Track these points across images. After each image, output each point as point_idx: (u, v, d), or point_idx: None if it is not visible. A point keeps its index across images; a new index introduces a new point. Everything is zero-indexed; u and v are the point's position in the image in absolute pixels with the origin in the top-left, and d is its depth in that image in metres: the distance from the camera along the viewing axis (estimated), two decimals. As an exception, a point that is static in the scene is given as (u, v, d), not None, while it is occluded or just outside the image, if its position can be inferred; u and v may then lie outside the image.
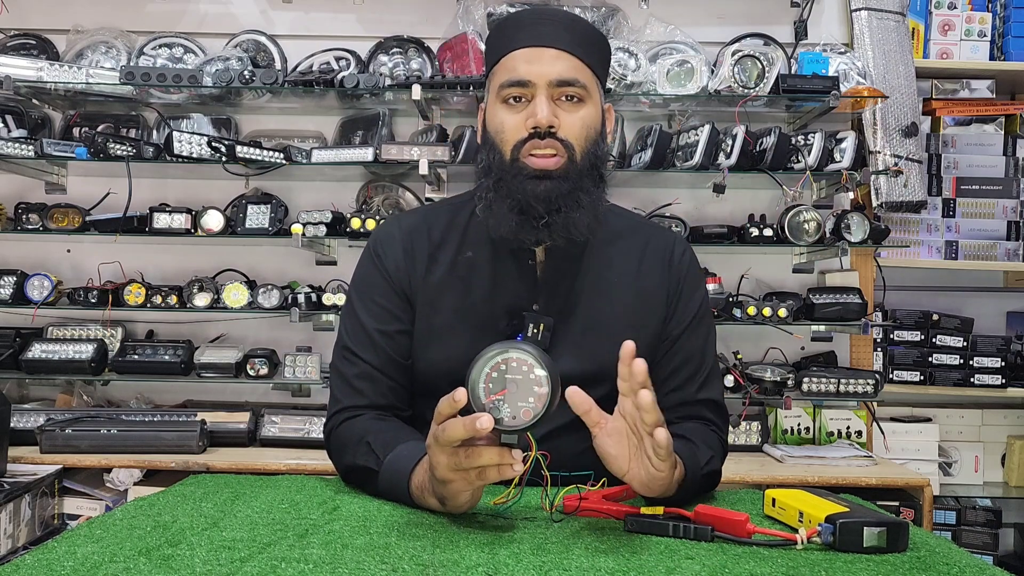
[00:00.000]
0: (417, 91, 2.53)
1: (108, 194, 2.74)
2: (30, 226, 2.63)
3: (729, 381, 2.56)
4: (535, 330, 1.37)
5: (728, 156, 2.54)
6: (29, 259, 2.80)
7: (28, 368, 2.58)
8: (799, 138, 2.62)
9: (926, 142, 2.97)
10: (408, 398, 1.45)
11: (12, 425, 2.31)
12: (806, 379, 2.58)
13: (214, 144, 2.53)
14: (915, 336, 2.95)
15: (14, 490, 2.11)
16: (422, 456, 1.20)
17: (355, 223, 2.53)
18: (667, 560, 0.98)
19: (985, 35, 2.93)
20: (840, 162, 2.57)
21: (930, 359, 2.94)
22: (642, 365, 1.06)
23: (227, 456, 2.36)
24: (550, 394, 1.02)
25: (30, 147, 2.55)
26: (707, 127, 2.56)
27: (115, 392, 2.78)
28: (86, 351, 2.57)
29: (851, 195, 2.70)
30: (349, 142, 2.74)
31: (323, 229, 2.55)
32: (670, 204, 2.75)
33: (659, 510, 1.12)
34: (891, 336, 2.95)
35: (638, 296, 1.45)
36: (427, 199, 2.74)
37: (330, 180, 2.83)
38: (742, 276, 2.82)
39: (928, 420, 2.93)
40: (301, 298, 2.55)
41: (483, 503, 1.18)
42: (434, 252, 1.45)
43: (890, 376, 2.91)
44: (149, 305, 2.58)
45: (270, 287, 2.59)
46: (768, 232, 2.60)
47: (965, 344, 2.94)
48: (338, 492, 1.30)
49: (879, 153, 2.72)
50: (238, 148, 2.52)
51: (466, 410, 1.04)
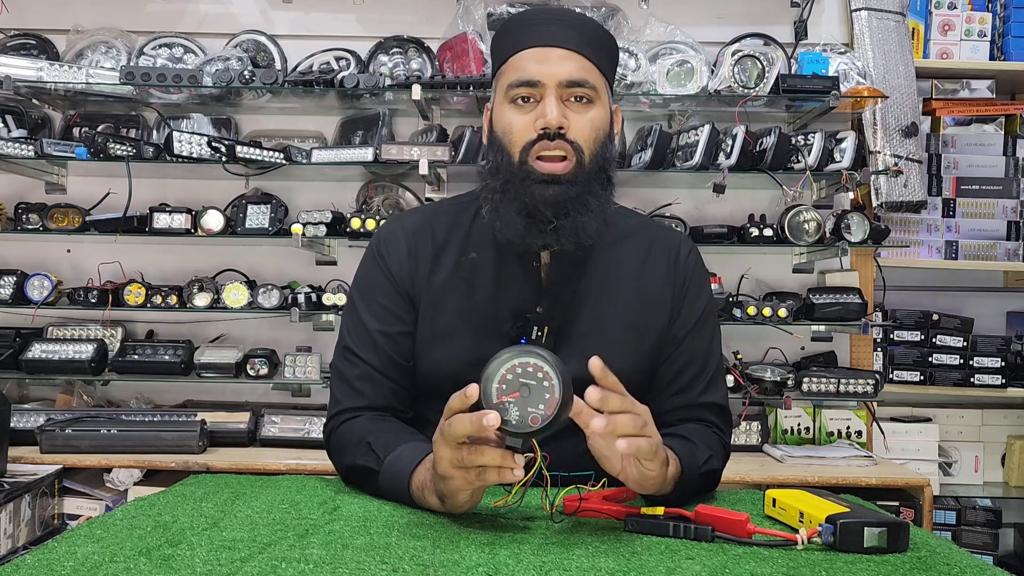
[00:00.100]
0: (417, 91, 2.53)
1: (108, 194, 2.74)
2: (30, 226, 2.63)
3: (729, 381, 2.56)
4: (539, 333, 1.36)
5: (728, 156, 2.54)
6: (29, 259, 2.80)
7: (28, 368, 2.58)
8: (799, 138, 2.62)
9: (926, 142, 2.97)
10: (409, 400, 1.45)
11: (12, 425, 2.31)
12: (806, 379, 2.58)
13: (214, 144, 2.53)
14: (915, 336, 2.95)
15: (14, 490, 2.11)
16: (424, 456, 1.20)
17: (355, 223, 2.53)
18: (667, 560, 0.98)
19: (985, 35, 2.93)
20: (840, 162, 2.57)
21: (930, 359, 2.94)
22: (597, 363, 1.06)
23: (227, 456, 2.36)
24: (559, 406, 1.01)
25: (30, 147, 2.55)
26: (707, 127, 2.56)
27: (115, 392, 2.78)
28: (86, 351, 2.57)
29: (851, 195, 2.70)
30: (349, 142, 2.74)
31: (323, 229, 2.55)
32: (670, 204, 2.75)
33: (659, 510, 1.12)
34: (891, 336, 2.95)
35: (643, 297, 1.43)
36: (427, 199, 2.74)
37: (330, 180, 2.83)
38: (742, 276, 2.82)
39: (928, 420, 2.93)
40: (301, 298, 2.55)
41: (483, 504, 1.18)
42: (438, 253, 1.44)
43: (890, 376, 2.91)
44: (149, 305, 2.58)
45: (270, 287, 2.59)
46: (768, 232, 2.60)
47: (965, 344, 2.94)
48: (338, 492, 1.30)
49: (879, 153, 2.72)
50: (238, 148, 2.52)
51: (476, 407, 1.03)
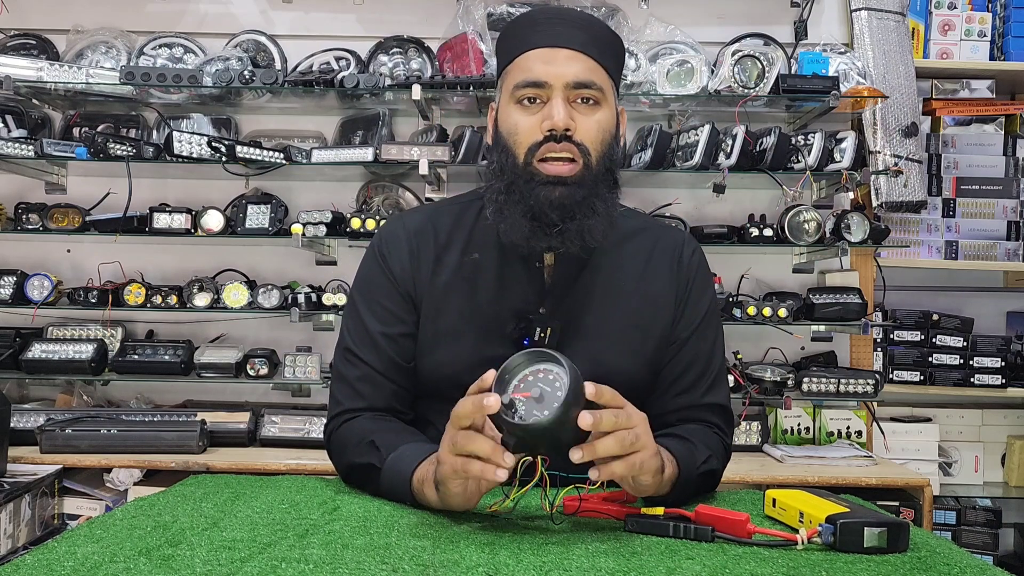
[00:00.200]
0: (417, 91, 2.53)
1: (108, 194, 2.74)
2: (30, 226, 2.63)
3: (729, 381, 2.55)
4: (542, 334, 1.35)
5: (728, 156, 2.54)
6: (29, 259, 2.80)
7: (28, 368, 2.58)
8: (799, 138, 2.62)
9: (926, 142, 2.97)
10: (410, 401, 1.44)
11: (12, 425, 2.31)
12: (806, 379, 2.58)
13: (214, 144, 2.53)
14: (915, 336, 2.95)
15: (14, 490, 2.11)
16: (429, 454, 1.20)
17: (355, 223, 2.53)
18: (667, 560, 0.98)
19: (985, 35, 2.93)
20: (840, 162, 2.57)
21: (930, 359, 2.94)
22: (590, 388, 1.05)
23: (227, 456, 2.36)
24: (552, 421, 1.01)
25: (30, 147, 2.55)
26: (707, 127, 2.55)
27: (115, 392, 2.78)
28: (86, 351, 2.57)
29: (851, 195, 2.70)
30: (349, 142, 2.74)
31: (323, 229, 2.55)
32: (670, 204, 2.75)
33: (659, 511, 1.12)
34: (891, 336, 2.95)
35: (646, 298, 1.43)
36: (427, 199, 2.73)
37: (330, 180, 2.83)
38: (742, 276, 2.82)
39: (928, 420, 2.93)
40: (301, 298, 2.55)
41: (481, 506, 1.18)
42: (440, 254, 1.43)
43: (890, 376, 2.91)
44: (149, 305, 2.58)
45: (270, 287, 2.59)
46: (768, 232, 2.60)
47: (965, 344, 2.94)
48: (338, 492, 1.30)
49: (879, 153, 2.72)
50: (238, 148, 2.52)
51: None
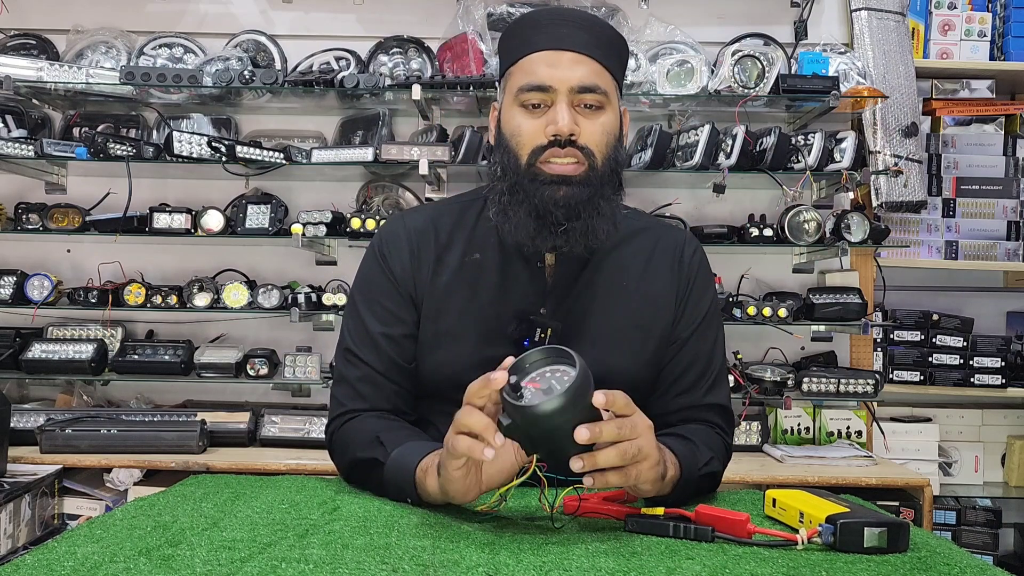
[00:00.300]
0: (417, 91, 2.53)
1: (108, 194, 2.74)
2: (30, 226, 2.63)
3: (729, 381, 2.55)
4: (542, 335, 1.35)
5: (728, 156, 2.54)
6: (29, 259, 2.80)
7: (28, 368, 2.58)
8: (799, 138, 2.62)
9: (926, 142, 2.97)
10: (412, 401, 1.43)
11: (12, 425, 2.31)
12: (806, 379, 2.58)
13: (214, 144, 2.53)
14: (915, 336, 2.95)
15: (14, 490, 2.11)
16: (435, 449, 1.21)
17: (355, 223, 2.53)
18: (667, 560, 0.98)
19: (985, 35, 2.93)
20: (840, 162, 2.57)
21: (930, 359, 2.94)
22: (600, 397, 1.05)
23: (227, 456, 2.36)
24: (552, 407, 1.01)
25: (30, 147, 2.55)
26: (707, 127, 2.55)
27: (115, 392, 2.78)
28: (86, 351, 2.57)
29: (851, 195, 2.70)
30: (349, 142, 2.74)
31: (323, 229, 2.55)
32: (670, 204, 2.75)
33: (659, 511, 1.12)
34: (891, 336, 2.95)
35: (647, 298, 1.43)
36: (427, 199, 2.73)
37: (330, 180, 2.83)
38: (742, 276, 2.81)
39: (928, 420, 2.93)
40: (301, 298, 2.55)
41: (475, 507, 1.18)
42: (441, 254, 1.42)
43: (890, 376, 2.91)
44: (149, 305, 2.58)
45: (270, 287, 2.59)
46: (768, 232, 2.60)
47: (965, 344, 2.94)
48: (338, 492, 1.30)
49: (879, 153, 2.72)
50: (238, 148, 2.52)
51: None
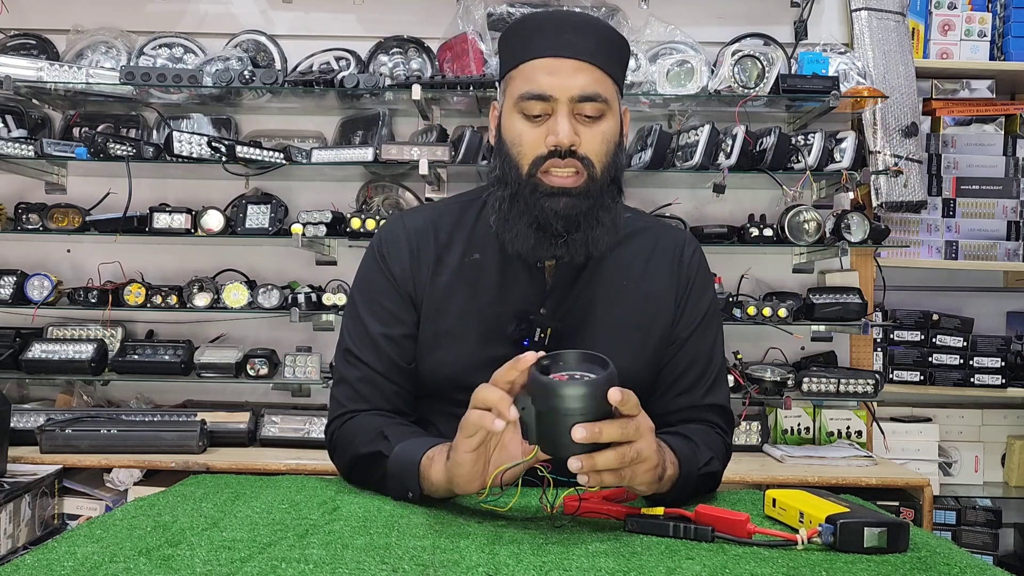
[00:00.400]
0: (417, 91, 2.53)
1: (108, 194, 2.74)
2: (30, 226, 2.63)
3: (729, 381, 2.55)
4: (542, 335, 1.36)
5: (728, 156, 2.54)
6: (29, 259, 2.80)
7: (28, 368, 2.58)
8: (799, 138, 2.62)
9: (926, 142, 2.97)
10: (412, 402, 1.43)
11: (12, 425, 2.31)
12: (806, 379, 2.58)
13: (214, 144, 2.53)
14: (915, 336, 2.95)
15: (14, 490, 2.11)
16: (442, 444, 1.21)
17: (355, 223, 2.53)
18: (667, 560, 0.98)
19: (985, 35, 2.93)
20: (840, 162, 2.57)
21: (930, 359, 2.94)
22: (615, 394, 1.04)
23: (227, 456, 2.36)
24: (574, 392, 1.02)
25: (30, 147, 2.55)
26: (707, 127, 2.55)
27: (115, 392, 2.78)
28: (86, 351, 2.57)
29: (851, 195, 2.70)
30: (349, 142, 2.74)
31: (323, 229, 2.55)
32: (670, 204, 2.75)
33: (659, 511, 1.12)
34: (891, 336, 2.95)
35: (647, 298, 1.43)
36: (427, 199, 2.74)
37: (330, 180, 2.83)
38: (742, 276, 2.81)
39: (928, 420, 2.93)
40: (301, 298, 2.55)
41: (473, 501, 1.18)
42: (440, 254, 1.42)
43: (890, 376, 2.91)
44: (149, 305, 2.58)
45: (270, 287, 2.59)
46: (768, 232, 2.60)
47: (965, 344, 2.94)
48: (338, 492, 1.30)
49: (879, 153, 2.72)
50: (238, 148, 2.52)
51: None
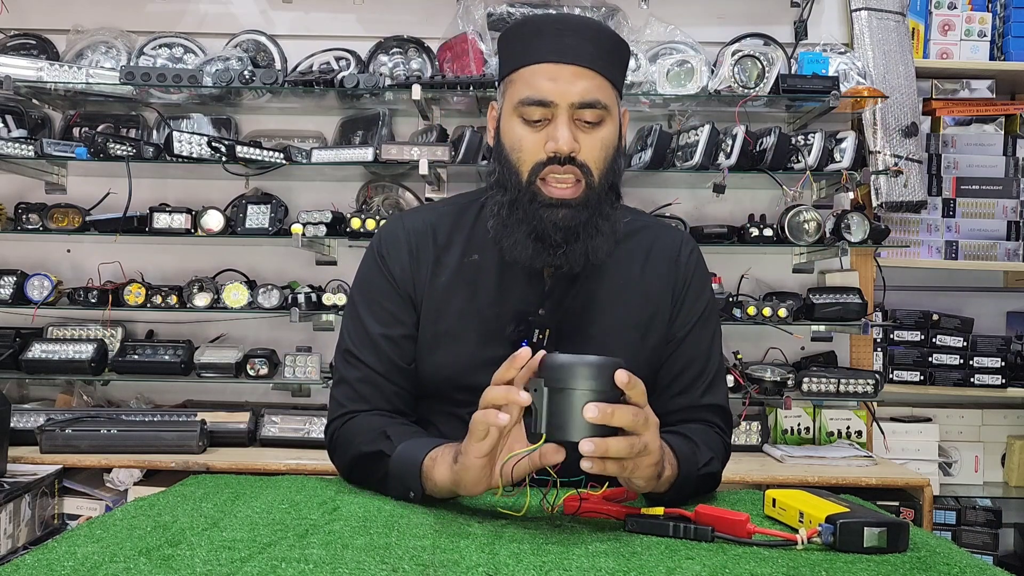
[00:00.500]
0: (417, 91, 2.53)
1: (108, 194, 2.74)
2: (30, 226, 2.63)
3: (729, 381, 2.56)
4: (541, 335, 1.36)
5: (728, 156, 2.54)
6: (29, 259, 2.80)
7: (28, 368, 2.58)
8: (799, 138, 2.62)
9: (926, 142, 2.97)
10: (412, 402, 1.43)
11: (12, 425, 2.30)
12: (806, 379, 2.58)
13: (214, 144, 2.53)
14: (915, 336, 2.95)
15: (14, 490, 2.11)
16: (445, 444, 1.21)
17: (355, 223, 2.53)
18: (667, 560, 0.98)
19: (985, 35, 2.93)
20: (840, 162, 2.57)
21: (930, 359, 2.94)
22: (623, 376, 1.06)
23: (227, 456, 2.36)
24: (581, 361, 1.04)
25: (30, 147, 2.55)
26: (707, 127, 2.55)
27: (115, 392, 2.78)
28: (86, 351, 2.57)
29: (851, 195, 2.70)
30: (349, 142, 2.74)
31: (323, 229, 2.55)
32: (670, 204, 2.75)
33: (659, 511, 1.12)
34: (891, 336, 2.94)
35: (644, 298, 1.43)
36: (427, 199, 2.74)
37: (330, 180, 2.83)
38: (742, 276, 2.81)
39: (928, 420, 2.93)
40: (301, 298, 2.55)
41: (484, 500, 1.17)
42: (440, 255, 1.42)
43: (890, 376, 2.91)
44: (149, 305, 2.58)
45: (270, 287, 2.59)
46: (768, 232, 2.60)
47: (965, 344, 2.94)
48: (338, 492, 1.30)
49: (879, 153, 2.72)
50: (238, 148, 2.52)
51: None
